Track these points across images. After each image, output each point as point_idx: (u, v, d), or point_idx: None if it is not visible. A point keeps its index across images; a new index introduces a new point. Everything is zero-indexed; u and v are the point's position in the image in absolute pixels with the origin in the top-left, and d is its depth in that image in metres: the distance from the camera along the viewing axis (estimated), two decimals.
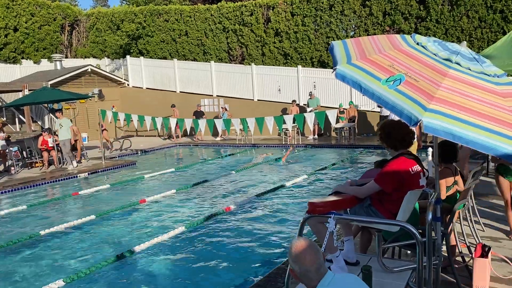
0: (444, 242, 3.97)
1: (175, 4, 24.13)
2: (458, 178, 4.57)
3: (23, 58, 23.52)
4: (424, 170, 3.49)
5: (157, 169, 12.89)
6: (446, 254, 4.06)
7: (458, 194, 4.53)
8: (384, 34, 16.41)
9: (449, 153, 4.47)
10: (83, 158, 14.76)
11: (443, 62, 2.85)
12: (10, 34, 22.79)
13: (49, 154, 13.36)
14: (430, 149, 7.77)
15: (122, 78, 23.41)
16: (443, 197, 4.38)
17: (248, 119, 14.56)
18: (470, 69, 2.85)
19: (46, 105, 18.06)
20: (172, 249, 6.29)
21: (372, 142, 15.78)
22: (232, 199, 9.03)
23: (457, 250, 4.53)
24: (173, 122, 14.88)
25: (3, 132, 13.34)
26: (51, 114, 18.74)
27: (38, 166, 13.64)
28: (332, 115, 13.78)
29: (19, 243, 6.84)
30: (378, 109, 16.20)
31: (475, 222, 5.27)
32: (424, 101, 2.54)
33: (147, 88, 22.94)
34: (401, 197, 3.30)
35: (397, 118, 2.70)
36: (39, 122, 19.28)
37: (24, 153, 13.65)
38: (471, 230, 5.06)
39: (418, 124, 2.49)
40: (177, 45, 23.19)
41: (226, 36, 21.96)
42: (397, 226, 3.26)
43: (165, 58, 23.34)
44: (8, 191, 10.74)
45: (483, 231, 5.59)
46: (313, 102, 17.77)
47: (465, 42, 3.18)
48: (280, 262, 5.28)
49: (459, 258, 4.52)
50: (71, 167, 13.08)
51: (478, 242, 4.59)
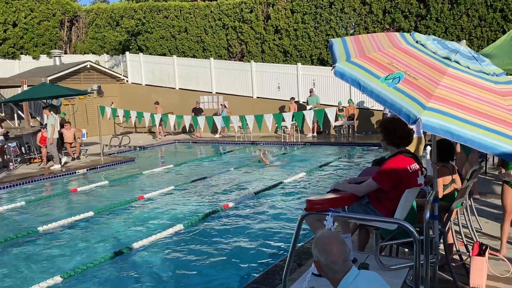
0: (442, 241, 3.97)
1: (175, 1, 24.03)
2: (456, 176, 4.57)
3: (22, 53, 23.46)
4: (422, 169, 3.49)
5: (156, 166, 12.88)
6: (444, 253, 4.07)
7: (456, 192, 4.54)
8: (384, 32, 16.38)
9: (447, 151, 4.47)
10: (81, 154, 14.75)
11: (442, 61, 2.85)
12: (9, 29, 22.72)
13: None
14: (428, 148, 7.78)
15: (121, 75, 23.37)
16: (440, 195, 4.38)
17: (247, 117, 14.55)
18: (469, 68, 2.85)
19: (45, 101, 18.03)
20: (170, 245, 6.29)
21: (371, 140, 15.78)
22: (230, 196, 9.03)
23: (454, 248, 4.54)
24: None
25: (1, 127, 13.31)
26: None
27: (36, 162, 13.63)
28: (331, 113, 13.78)
29: (17, 239, 6.84)
30: (380, 107, 16.20)
31: (472, 220, 5.28)
32: (423, 99, 2.54)
33: (146, 85, 22.91)
34: (399, 195, 3.30)
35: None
36: (37, 118, 19.24)
37: (22, 148, 13.64)
38: (468, 229, 5.08)
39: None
40: (176, 42, 23.15)
41: (226, 33, 21.92)
42: (394, 224, 3.26)
43: (164, 54, 23.30)
44: (6, 186, 10.73)
45: (481, 229, 5.60)
46: (313, 99, 17.76)
47: (464, 41, 3.18)
48: (278, 259, 5.29)
49: (456, 257, 4.54)
50: (57, 166, 12.67)
51: (475, 241, 4.60)
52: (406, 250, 4.39)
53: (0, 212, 8.59)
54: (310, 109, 16.04)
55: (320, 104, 17.80)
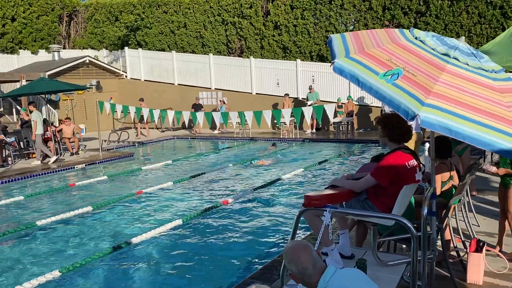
0: (439, 237, 3.98)
1: None
2: (454, 173, 4.58)
3: (20, 48, 23.37)
4: (420, 165, 3.50)
5: (155, 161, 12.88)
6: (441, 249, 4.08)
7: (454, 189, 4.55)
8: (383, 28, 16.35)
9: (445, 148, 4.48)
10: (80, 149, 14.73)
11: (441, 57, 2.85)
12: (8, 23, 22.63)
13: (46, 145, 13.32)
14: (427, 145, 7.79)
15: (120, 70, 23.32)
16: (438, 192, 4.39)
17: (246, 113, 14.56)
18: (468, 64, 2.85)
19: (43, 96, 17.98)
20: (169, 241, 6.30)
21: (370, 136, 15.79)
22: (230, 192, 9.04)
23: (452, 244, 4.56)
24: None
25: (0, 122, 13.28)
26: (48, 105, 18.68)
27: (35, 157, 13.61)
28: (330, 110, 13.79)
29: (15, 234, 6.84)
30: (378, 104, 16.20)
31: (470, 217, 5.30)
32: (422, 96, 2.54)
33: (145, 80, 22.87)
34: (397, 191, 3.31)
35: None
36: None
37: (21, 144, 13.62)
38: (466, 225, 5.09)
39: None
40: (175, 37, 23.09)
41: (225, 29, 21.87)
42: (392, 220, 3.27)
43: (163, 50, 23.24)
44: (5, 181, 10.73)
45: (478, 226, 5.62)
46: (313, 96, 17.74)
47: (463, 37, 3.18)
48: (276, 255, 5.30)
49: (453, 253, 4.55)
50: (52, 159, 12.63)
51: (473, 237, 4.62)
52: (404, 246, 4.40)
53: None
54: (311, 105, 16.06)
55: (320, 100, 17.80)
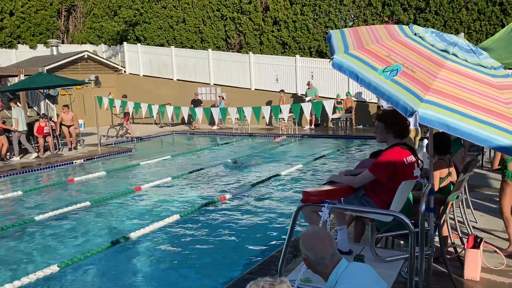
0: (437, 233, 4.00)
1: None
2: (452, 169, 4.59)
3: (19, 43, 23.27)
4: (419, 161, 3.50)
5: (153, 157, 12.88)
6: (439, 245, 4.10)
7: (452, 185, 4.56)
8: (383, 24, 16.34)
9: (444, 144, 4.48)
10: (79, 144, 14.72)
11: (440, 53, 2.85)
12: (6, 18, 22.53)
13: (45, 140, 13.31)
14: (425, 141, 7.80)
15: (119, 65, 23.25)
16: (436, 188, 4.40)
17: (245, 108, 14.53)
18: (467, 61, 2.84)
19: (42, 90, 17.94)
20: (167, 236, 6.31)
21: (369, 133, 15.80)
22: (227, 187, 9.04)
23: (449, 241, 4.57)
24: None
25: None
26: (47, 100, 18.63)
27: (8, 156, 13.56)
28: (329, 106, 13.78)
29: (13, 229, 6.85)
30: (376, 100, 16.20)
31: (468, 213, 5.31)
32: (420, 92, 2.54)
33: (144, 75, 22.82)
34: (395, 187, 3.32)
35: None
36: (35, 108, 19.16)
37: (19, 139, 13.57)
38: (463, 222, 5.10)
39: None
40: (174, 32, 23.02)
41: (224, 24, 21.81)
42: (390, 216, 3.28)
43: (162, 45, 23.17)
44: (3, 176, 10.72)
45: (476, 222, 5.64)
46: (311, 92, 17.72)
47: (462, 34, 3.17)
48: (274, 250, 5.31)
49: (451, 249, 4.57)
50: (33, 155, 12.57)
51: (470, 233, 4.63)
52: (402, 242, 4.41)
53: None
54: (309, 101, 16.04)
55: (319, 96, 17.78)
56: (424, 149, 7.91)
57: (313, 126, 17.83)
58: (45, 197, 8.90)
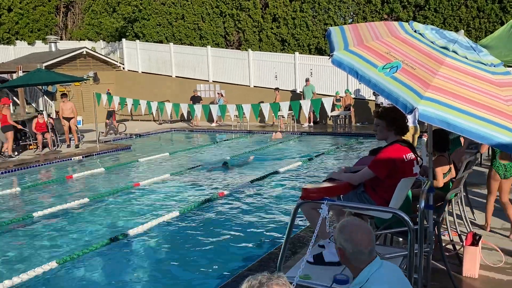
0: (436, 230, 4.00)
1: None
2: (451, 166, 4.60)
3: (17, 39, 23.22)
4: (418, 158, 3.50)
5: (152, 154, 12.86)
6: (437, 242, 4.10)
7: (451, 183, 4.56)
8: (383, 21, 16.34)
9: (442, 141, 4.49)
10: (80, 141, 14.70)
11: (440, 50, 2.84)
12: (4, 14, 22.46)
13: (43, 137, 13.28)
14: (425, 139, 7.80)
15: (117, 62, 23.20)
16: (441, 184, 4.42)
17: (244, 105, 14.52)
18: (467, 58, 2.84)
19: (40, 87, 17.90)
20: (166, 233, 6.31)
21: (367, 130, 15.79)
22: (226, 184, 9.04)
23: (448, 238, 4.58)
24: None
25: None
26: (45, 97, 18.59)
27: (32, 149, 13.57)
28: (328, 103, 13.77)
29: (12, 225, 6.84)
30: (374, 97, 16.20)
31: (466, 211, 5.32)
32: (420, 89, 2.53)
33: (142, 72, 22.77)
34: (394, 184, 3.31)
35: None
36: (33, 105, 19.13)
37: (18, 135, 13.56)
38: (462, 219, 5.11)
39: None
40: (173, 29, 22.97)
41: (223, 21, 21.76)
42: (389, 213, 3.28)
43: (161, 42, 23.12)
44: (2, 172, 10.70)
45: (475, 220, 5.65)
46: (308, 89, 17.67)
47: (462, 31, 3.16)
48: (273, 247, 5.32)
49: (450, 246, 4.57)
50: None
51: (469, 231, 4.64)
52: (400, 239, 4.42)
53: None
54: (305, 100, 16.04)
55: (318, 94, 17.75)
56: (424, 147, 7.92)
57: (312, 124, 17.82)
58: (43, 194, 8.89)
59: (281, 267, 3.19)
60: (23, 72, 17.41)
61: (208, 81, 21.14)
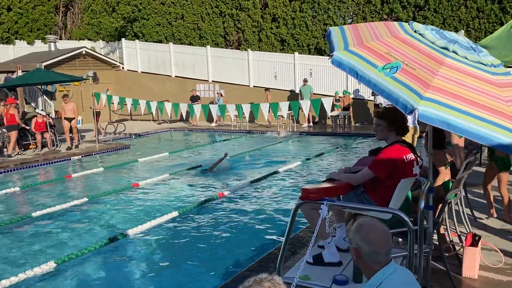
0: (435, 231, 3.99)
1: None
2: (450, 161, 4.64)
3: (16, 38, 23.19)
4: (418, 159, 3.49)
5: (151, 153, 12.85)
6: (437, 243, 4.10)
7: (451, 183, 4.56)
8: (382, 21, 16.36)
9: (441, 139, 4.49)
10: (80, 143, 14.69)
11: (440, 51, 2.84)
12: (4, 13, 22.43)
13: (43, 136, 13.27)
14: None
15: (117, 61, 23.18)
16: (446, 178, 4.45)
17: (243, 105, 14.52)
18: (467, 58, 2.83)
19: (40, 87, 17.88)
20: (165, 233, 6.30)
21: (367, 130, 15.79)
22: (226, 184, 9.03)
23: (448, 238, 4.57)
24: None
25: None
26: (45, 96, 18.57)
27: (31, 148, 13.56)
28: (327, 103, 13.78)
29: (10, 225, 6.82)
30: (373, 97, 16.19)
31: (466, 211, 5.31)
32: (420, 89, 2.53)
33: (142, 72, 22.76)
34: (394, 184, 3.31)
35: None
36: (32, 104, 19.11)
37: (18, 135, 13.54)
38: (462, 219, 5.10)
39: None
40: (173, 29, 22.95)
41: (223, 21, 21.75)
42: (389, 214, 3.28)
43: (160, 41, 23.11)
44: (1, 172, 10.68)
45: (475, 220, 5.64)
46: (306, 89, 17.65)
47: (462, 31, 3.16)
48: (272, 248, 5.31)
49: (449, 247, 4.56)
50: None
51: (468, 231, 4.63)
52: (400, 239, 4.41)
53: None
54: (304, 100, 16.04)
55: (317, 94, 17.74)
56: (424, 147, 7.90)
57: (311, 124, 17.82)
58: (42, 193, 8.88)
59: (281, 267, 3.19)
60: (22, 71, 17.39)
61: (207, 81, 21.13)
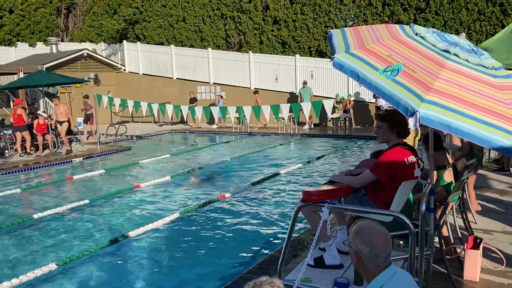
0: (436, 233, 3.99)
1: None
2: (450, 162, 4.64)
3: (18, 40, 23.24)
4: (419, 161, 3.49)
5: (152, 155, 12.86)
6: (438, 245, 4.09)
7: (453, 184, 4.56)
8: (383, 24, 16.35)
9: (438, 141, 4.51)
10: (78, 143, 14.71)
11: (441, 53, 2.84)
12: (5, 15, 22.49)
13: (44, 138, 13.28)
14: None
15: (118, 63, 23.22)
16: (448, 179, 4.46)
17: (244, 108, 14.51)
18: (468, 61, 2.84)
19: (41, 88, 17.91)
20: (166, 235, 6.30)
21: (368, 132, 15.79)
22: (227, 186, 9.03)
23: (451, 239, 4.56)
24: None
25: None
26: (46, 98, 18.60)
27: (32, 150, 13.56)
28: (328, 105, 13.77)
29: (12, 226, 6.83)
30: (374, 100, 16.19)
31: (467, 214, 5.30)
32: (422, 92, 2.53)
33: (143, 74, 22.80)
34: (395, 187, 3.31)
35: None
36: (35, 106, 19.12)
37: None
38: (463, 222, 5.10)
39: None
40: (174, 31, 22.99)
41: (224, 23, 21.78)
42: (390, 216, 3.27)
43: (162, 44, 23.15)
44: (2, 174, 10.69)
45: (476, 223, 5.63)
46: (305, 91, 17.65)
47: (463, 34, 3.16)
48: (273, 250, 5.31)
49: (451, 250, 4.56)
50: None
51: (470, 234, 4.63)
52: (401, 242, 4.41)
53: None
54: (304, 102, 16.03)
55: (318, 96, 17.74)
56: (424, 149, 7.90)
57: (312, 126, 17.81)
58: (43, 195, 8.88)
59: (282, 270, 3.18)
60: (24, 73, 17.43)
61: (208, 83, 21.15)
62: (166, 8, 23.01)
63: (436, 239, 4.04)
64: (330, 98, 16.42)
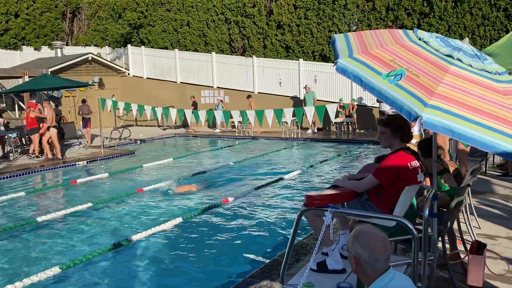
0: (440, 239, 3.97)
1: None
2: (446, 168, 4.62)
3: (23, 44, 23.41)
4: (423, 166, 3.49)
5: (156, 159, 12.88)
6: (442, 251, 4.07)
7: (457, 188, 4.54)
8: (387, 29, 16.35)
9: (429, 147, 4.51)
10: (81, 147, 14.74)
11: (444, 58, 2.84)
12: (11, 20, 22.66)
13: (48, 141, 13.32)
14: None
15: (122, 67, 23.33)
16: (453, 185, 4.44)
17: (247, 112, 14.56)
18: (471, 66, 2.84)
19: (46, 92, 18.00)
20: (170, 239, 6.30)
21: (371, 137, 15.76)
22: (230, 191, 9.03)
23: (452, 246, 4.54)
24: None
25: (2, 118, 13.29)
26: (51, 102, 18.65)
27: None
28: (332, 110, 13.78)
29: (15, 229, 6.84)
30: (377, 104, 16.18)
31: (471, 219, 5.28)
32: (425, 97, 2.53)
33: (147, 78, 22.88)
34: (398, 192, 3.30)
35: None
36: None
37: (23, 139, 13.63)
38: (467, 227, 5.08)
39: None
40: (178, 35, 23.09)
41: (228, 28, 21.86)
42: (393, 221, 3.27)
43: (166, 48, 23.25)
44: (7, 177, 10.73)
45: (479, 228, 5.61)
46: (309, 96, 17.66)
47: (467, 39, 3.16)
48: (276, 254, 5.30)
49: (454, 255, 4.53)
50: None
51: (473, 239, 4.60)
52: (404, 247, 4.39)
53: (0, 202, 8.59)
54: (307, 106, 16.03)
55: (322, 100, 17.75)
56: None
57: (316, 130, 17.81)
58: (47, 199, 8.91)
59: (284, 274, 3.18)
60: (29, 77, 17.53)
61: (212, 87, 21.20)
62: (171, 13, 23.13)
63: (440, 244, 4.03)
64: (334, 102, 16.44)
